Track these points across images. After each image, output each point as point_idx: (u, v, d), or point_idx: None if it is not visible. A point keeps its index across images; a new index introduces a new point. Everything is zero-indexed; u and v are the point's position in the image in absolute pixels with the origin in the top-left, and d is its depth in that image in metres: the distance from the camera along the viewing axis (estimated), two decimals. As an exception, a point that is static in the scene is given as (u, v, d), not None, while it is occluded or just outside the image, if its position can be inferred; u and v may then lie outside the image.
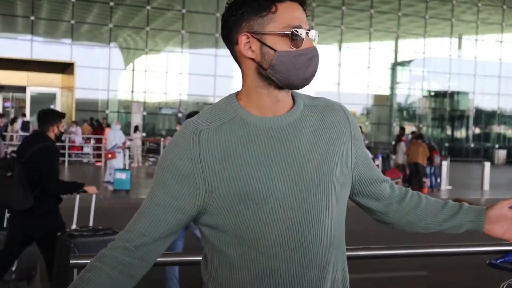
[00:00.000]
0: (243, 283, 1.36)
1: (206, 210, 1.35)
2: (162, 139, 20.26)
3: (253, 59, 1.34)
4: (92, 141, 20.32)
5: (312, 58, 1.35)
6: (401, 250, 3.86)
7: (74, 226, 5.19)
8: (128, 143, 16.68)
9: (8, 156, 5.69)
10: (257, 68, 1.35)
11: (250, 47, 1.33)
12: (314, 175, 1.36)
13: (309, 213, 1.36)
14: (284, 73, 1.32)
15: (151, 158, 20.52)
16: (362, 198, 1.54)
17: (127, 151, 16.49)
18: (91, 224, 5.38)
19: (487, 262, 2.44)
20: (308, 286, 1.37)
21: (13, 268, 5.26)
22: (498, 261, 2.36)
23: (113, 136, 13.61)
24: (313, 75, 1.38)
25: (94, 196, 5.69)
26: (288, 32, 1.31)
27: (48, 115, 5.29)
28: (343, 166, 1.44)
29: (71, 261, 2.34)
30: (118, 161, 13.35)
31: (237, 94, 1.42)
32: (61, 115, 5.37)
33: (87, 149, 20.57)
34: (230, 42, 1.37)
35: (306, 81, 1.37)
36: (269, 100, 1.37)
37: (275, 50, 1.31)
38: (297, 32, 1.32)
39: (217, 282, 1.40)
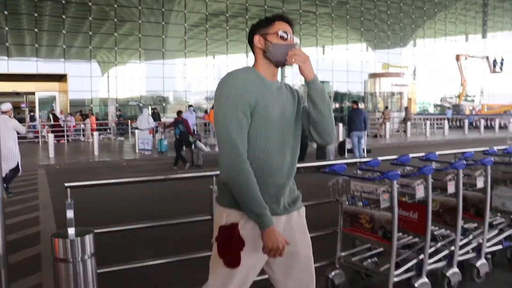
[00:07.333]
0: (255, 168, 1.89)
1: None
2: (129, 121, 23.53)
3: (260, 48, 1.99)
4: (82, 126, 23.48)
5: (288, 47, 1.94)
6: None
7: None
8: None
9: None
10: (263, 53, 1.99)
11: (259, 42, 1.99)
12: (289, 111, 2.02)
13: (287, 128, 2.00)
14: (273, 55, 1.96)
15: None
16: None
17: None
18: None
19: (321, 171, 3.23)
20: (283, 172, 1.99)
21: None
22: (327, 170, 3.20)
23: (147, 121, 15.92)
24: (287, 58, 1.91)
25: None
26: (278, 33, 1.94)
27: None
28: (298, 112, 2.06)
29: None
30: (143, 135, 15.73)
31: (253, 66, 2.03)
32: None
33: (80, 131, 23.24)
34: (250, 41, 2.02)
35: (284, 61, 1.95)
36: (269, 71, 2.00)
37: (271, 42, 1.96)
38: (281, 33, 1.95)
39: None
